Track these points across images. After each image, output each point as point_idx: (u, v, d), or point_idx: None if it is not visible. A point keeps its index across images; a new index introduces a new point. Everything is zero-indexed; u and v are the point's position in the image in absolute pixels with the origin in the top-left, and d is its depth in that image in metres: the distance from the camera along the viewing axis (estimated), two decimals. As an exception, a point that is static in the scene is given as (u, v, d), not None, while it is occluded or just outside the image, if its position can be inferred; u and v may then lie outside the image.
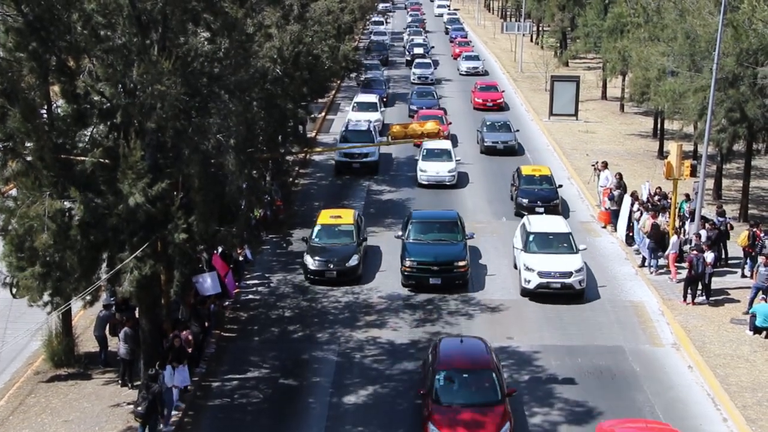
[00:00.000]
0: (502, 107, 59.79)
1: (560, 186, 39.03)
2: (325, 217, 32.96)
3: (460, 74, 74.61)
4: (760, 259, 28.07)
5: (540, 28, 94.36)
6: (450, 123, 50.78)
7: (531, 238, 30.30)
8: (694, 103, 34.98)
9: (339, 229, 32.09)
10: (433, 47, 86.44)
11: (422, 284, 29.87)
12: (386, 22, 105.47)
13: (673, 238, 30.69)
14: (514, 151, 47.83)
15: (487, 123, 49.73)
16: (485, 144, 48.12)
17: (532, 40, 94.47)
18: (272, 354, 25.90)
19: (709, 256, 28.81)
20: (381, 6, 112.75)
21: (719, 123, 34.55)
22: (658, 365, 25.25)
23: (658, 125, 49.18)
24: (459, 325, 27.61)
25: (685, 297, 28.83)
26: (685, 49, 35.73)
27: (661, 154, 46.31)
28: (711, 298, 28.96)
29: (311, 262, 30.66)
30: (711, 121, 31.38)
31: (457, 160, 42.93)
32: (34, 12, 19.08)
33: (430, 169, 42.15)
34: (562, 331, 27.28)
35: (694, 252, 28.52)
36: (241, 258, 30.39)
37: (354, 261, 30.78)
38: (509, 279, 31.14)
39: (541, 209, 36.59)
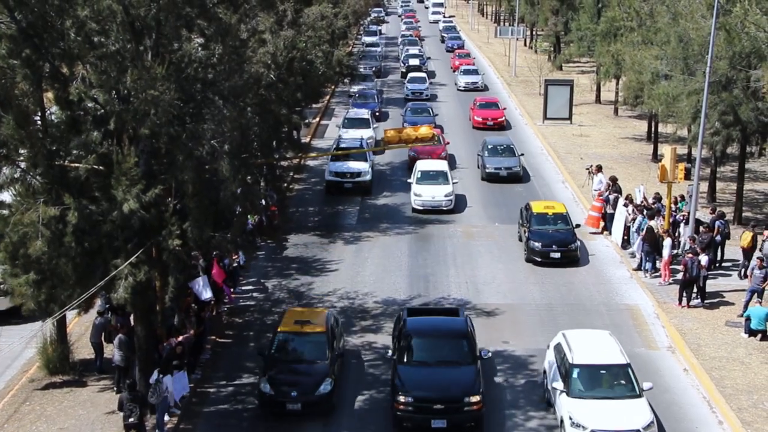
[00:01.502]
0: (503, 126, 55.81)
1: (578, 226, 34.19)
2: (289, 321, 24.90)
3: (458, 89, 69.75)
4: (755, 262, 28.14)
5: (534, 33, 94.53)
6: (448, 143, 47.96)
7: (575, 374, 21.79)
8: (687, 106, 35.06)
9: (307, 340, 24.16)
10: (428, 58, 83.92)
11: (421, 427, 21.90)
12: (380, 33, 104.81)
13: (667, 241, 30.71)
14: (519, 178, 44.06)
15: (489, 146, 45.62)
16: (487, 170, 44.04)
17: (525, 45, 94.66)
18: (268, 360, 25.84)
19: (704, 259, 28.85)
20: (374, 15, 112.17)
21: (713, 126, 34.63)
22: (654, 368, 25.25)
23: (652, 128, 49.31)
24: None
25: (680, 300, 28.86)
26: (679, 53, 35.83)
27: (655, 157, 46.42)
28: (706, 301, 28.98)
29: (268, 389, 22.75)
30: (704, 124, 31.43)
31: (454, 183, 40.20)
32: (27, 19, 19.06)
33: (425, 194, 39.14)
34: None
35: (689, 255, 28.55)
36: (235, 264, 30.37)
37: (326, 387, 22.77)
38: (504, 284, 31.14)
39: (557, 254, 32.46)
